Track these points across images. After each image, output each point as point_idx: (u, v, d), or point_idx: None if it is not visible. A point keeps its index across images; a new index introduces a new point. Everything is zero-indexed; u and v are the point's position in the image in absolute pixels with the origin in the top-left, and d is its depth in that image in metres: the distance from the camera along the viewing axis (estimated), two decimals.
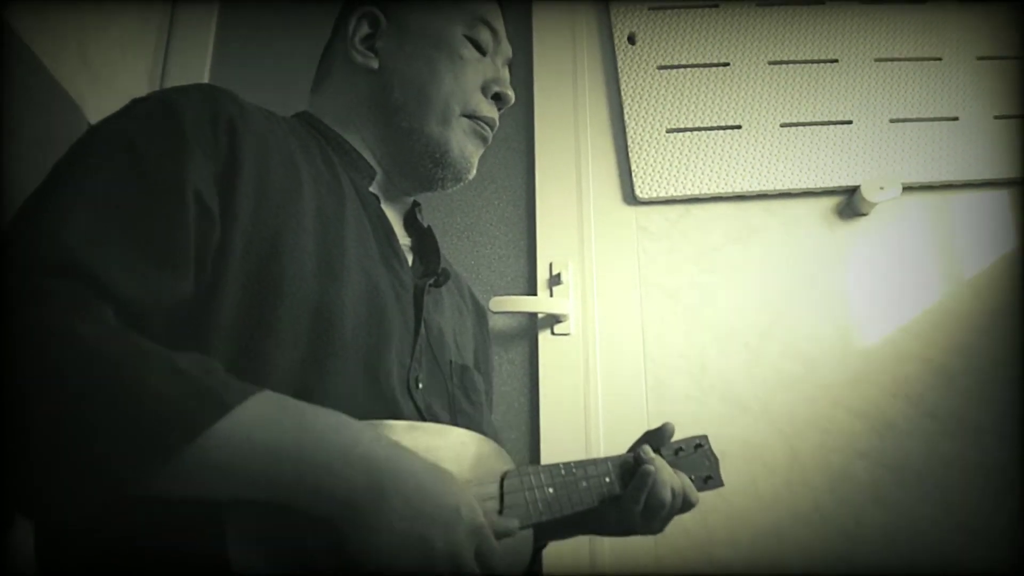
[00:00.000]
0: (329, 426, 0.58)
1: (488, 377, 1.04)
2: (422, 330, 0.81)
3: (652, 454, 0.87)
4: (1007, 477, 1.39)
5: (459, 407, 0.84)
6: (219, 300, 0.65)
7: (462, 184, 0.91)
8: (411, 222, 0.93)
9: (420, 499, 0.57)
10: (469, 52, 0.89)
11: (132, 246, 0.60)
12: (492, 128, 0.91)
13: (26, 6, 1.19)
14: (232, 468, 0.54)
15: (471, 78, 0.89)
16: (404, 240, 0.90)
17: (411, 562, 0.56)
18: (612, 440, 1.42)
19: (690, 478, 0.93)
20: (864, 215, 1.58)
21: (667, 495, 0.85)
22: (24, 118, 1.03)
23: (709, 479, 0.98)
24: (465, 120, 0.88)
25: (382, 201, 0.87)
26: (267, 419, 0.56)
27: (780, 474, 1.41)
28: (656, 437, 0.94)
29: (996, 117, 1.61)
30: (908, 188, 1.56)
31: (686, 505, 0.90)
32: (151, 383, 0.52)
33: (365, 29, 0.90)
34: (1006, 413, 1.43)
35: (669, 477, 0.87)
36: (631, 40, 1.68)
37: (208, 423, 0.53)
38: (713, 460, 0.99)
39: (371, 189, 0.87)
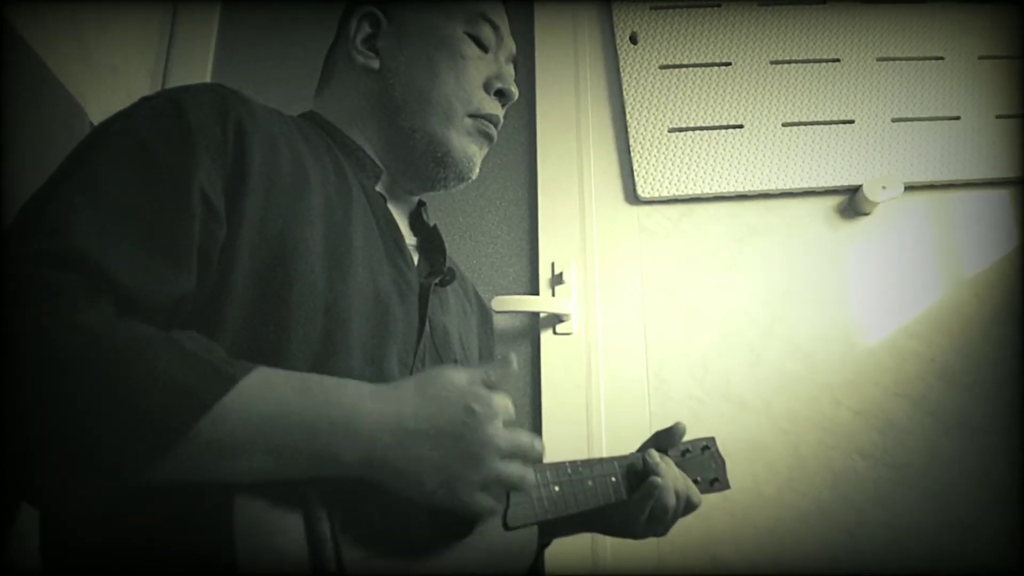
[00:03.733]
0: (332, 388, 0.60)
1: None
2: (426, 329, 0.81)
3: (658, 459, 0.87)
4: (1008, 476, 1.39)
5: None
6: (227, 299, 0.65)
7: (465, 183, 0.91)
8: (417, 221, 0.93)
9: (435, 420, 0.60)
10: (470, 49, 0.88)
11: (136, 242, 0.60)
12: (496, 125, 0.90)
13: (28, 5, 1.19)
14: (244, 440, 0.54)
15: (473, 76, 0.88)
16: (410, 239, 0.90)
17: (459, 471, 0.60)
18: (614, 439, 1.42)
19: (696, 480, 0.93)
20: (866, 214, 1.58)
21: (671, 501, 0.86)
22: (26, 117, 1.03)
23: (716, 481, 0.98)
24: (469, 120, 0.87)
25: (388, 200, 0.87)
26: (273, 389, 0.57)
27: (782, 473, 1.41)
28: (667, 437, 0.94)
29: (998, 116, 1.61)
30: (910, 187, 1.56)
31: (688, 508, 0.90)
32: (159, 366, 0.53)
33: (366, 30, 0.90)
34: (1007, 412, 1.43)
35: (674, 480, 0.87)
36: (633, 40, 1.69)
37: (216, 397, 0.53)
38: (720, 462, 0.99)
39: (377, 188, 0.86)
